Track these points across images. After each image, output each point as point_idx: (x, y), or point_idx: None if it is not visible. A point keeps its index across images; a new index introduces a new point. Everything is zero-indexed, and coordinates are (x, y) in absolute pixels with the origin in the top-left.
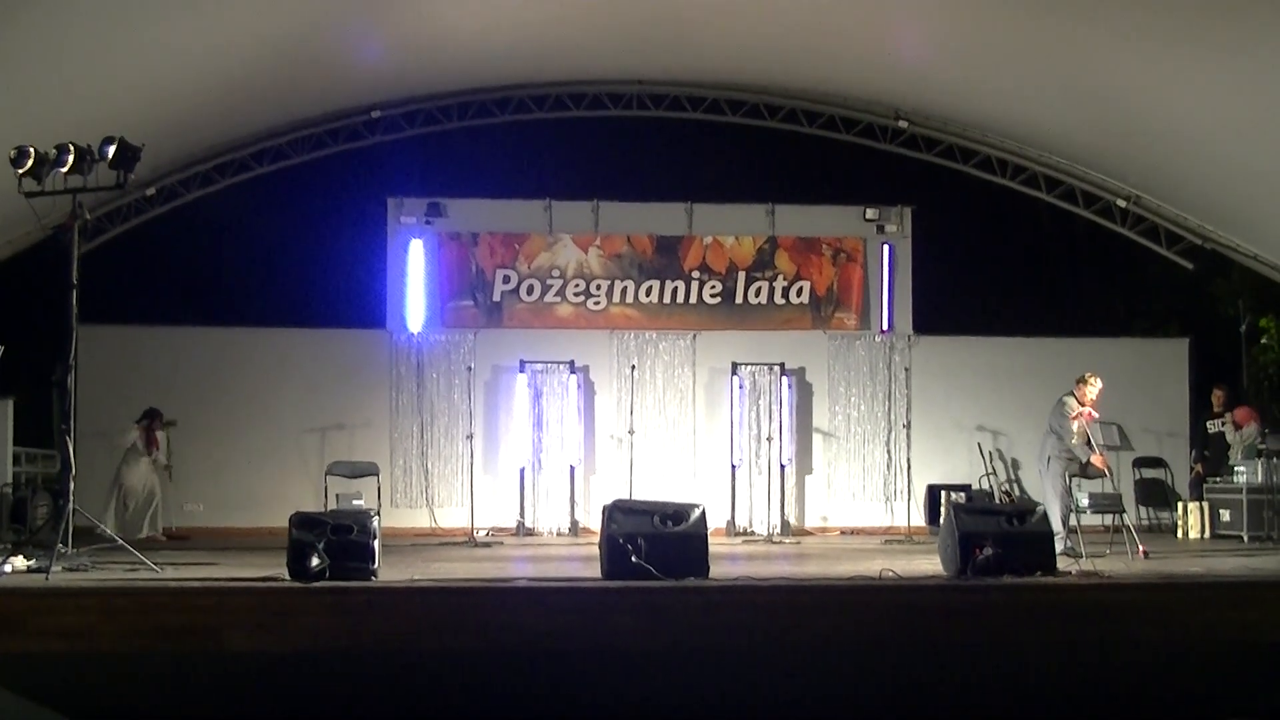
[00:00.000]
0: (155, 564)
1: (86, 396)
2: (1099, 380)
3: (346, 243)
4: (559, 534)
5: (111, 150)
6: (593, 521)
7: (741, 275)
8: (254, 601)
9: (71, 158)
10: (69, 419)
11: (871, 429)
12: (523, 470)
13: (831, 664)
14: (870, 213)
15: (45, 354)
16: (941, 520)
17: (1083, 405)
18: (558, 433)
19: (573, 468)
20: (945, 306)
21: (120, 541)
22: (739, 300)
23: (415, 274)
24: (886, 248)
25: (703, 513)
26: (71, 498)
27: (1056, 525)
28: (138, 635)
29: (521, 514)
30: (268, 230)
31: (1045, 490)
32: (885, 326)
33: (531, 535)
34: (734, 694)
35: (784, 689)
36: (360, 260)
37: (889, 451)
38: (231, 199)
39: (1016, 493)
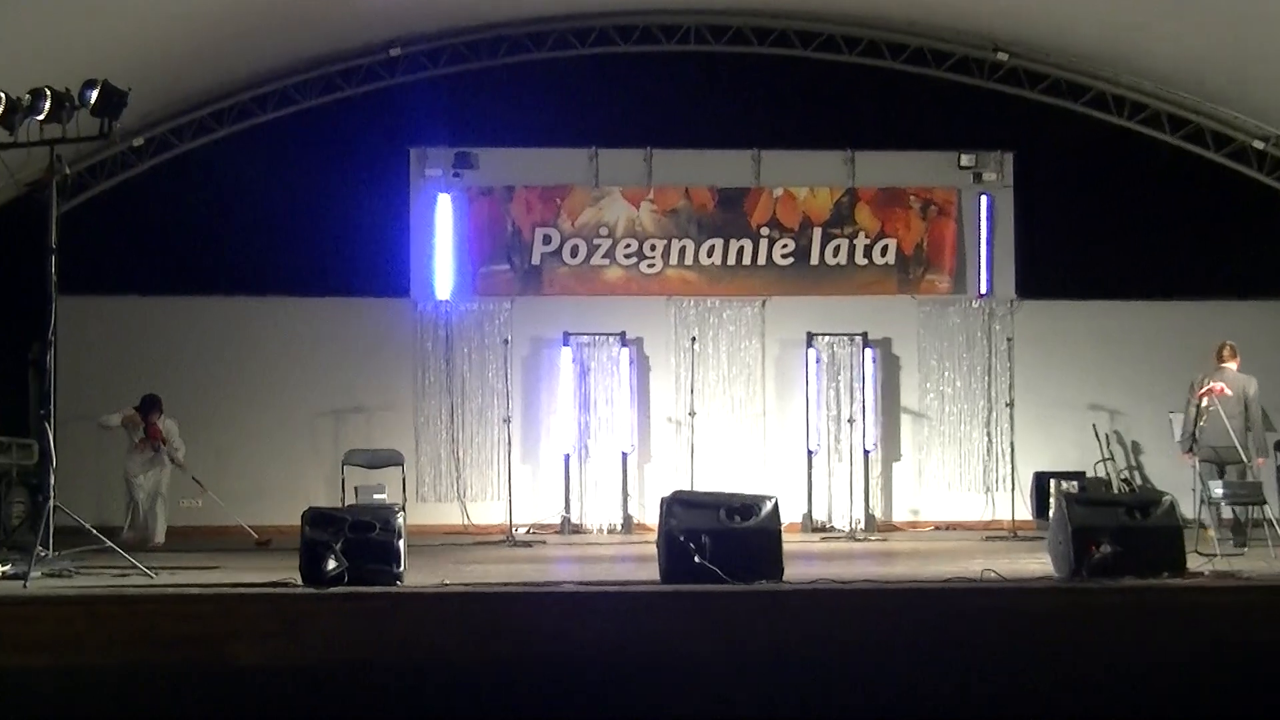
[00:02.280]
0: (149, 568)
1: (68, 377)
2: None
3: (363, 199)
4: (609, 531)
5: (94, 95)
6: (648, 516)
7: (817, 232)
8: (262, 609)
9: (48, 104)
10: (48, 402)
11: (968, 408)
12: (567, 458)
13: (923, 678)
14: (965, 159)
15: (21, 329)
16: (1051, 513)
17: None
18: (607, 415)
19: (624, 455)
20: (1053, 266)
21: (108, 543)
22: (814, 261)
23: (442, 234)
24: (984, 199)
25: (775, 506)
26: (53, 493)
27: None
28: (129, 648)
29: (566, 508)
30: (273, 186)
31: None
32: (983, 290)
33: (578, 532)
34: (810, 712)
35: (867, 706)
36: (379, 219)
37: (989, 434)
38: (231, 150)
39: (1138, 481)
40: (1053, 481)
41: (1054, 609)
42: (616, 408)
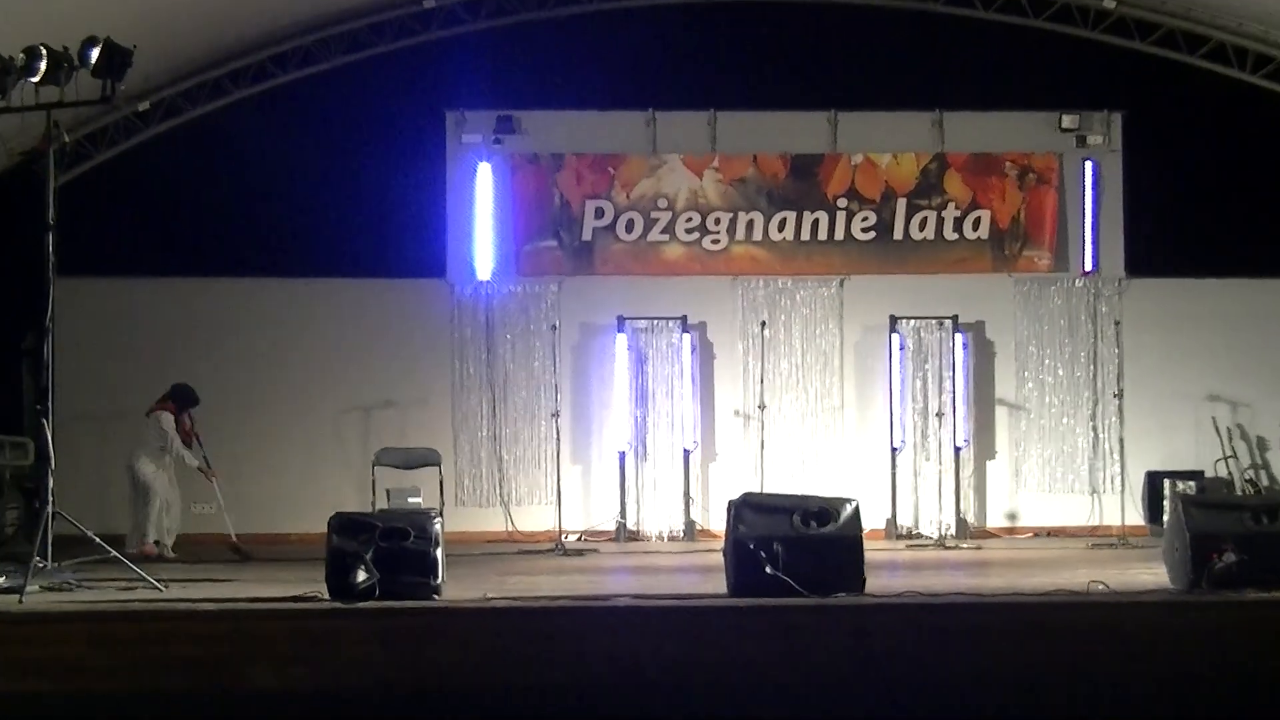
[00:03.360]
0: (158, 581)
1: (67, 368)
2: None
3: (394, 170)
4: (670, 538)
5: (95, 54)
6: (713, 522)
7: (901, 203)
8: (283, 627)
9: (44, 64)
10: (46, 397)
11: (1072, 400)
12: (622, 457)
13: (1023, 702)
14: (1068, 120)
15: (14, 315)
16: (1166, 518)
17: None
18: (666, 409)
19: (686, 453)
20: (1166, 239)
21: (114, 553)
22: (898, 236)
23: (482, 208)
24: (1089, 165)
25: (856, 510)
26: (51, 498)
27: None
28: (137, 671)
29: (622, 513)
30: (292, 155)
31: None
32: (1087, 267)
33: (635, 540)
34: None
35: None
36: (412, 192)
37: (1095, 429)
38: (246, 115)
39: (1264, 481)
40: (1167, 482)
41: (1170, 625)
42: (677, 401)
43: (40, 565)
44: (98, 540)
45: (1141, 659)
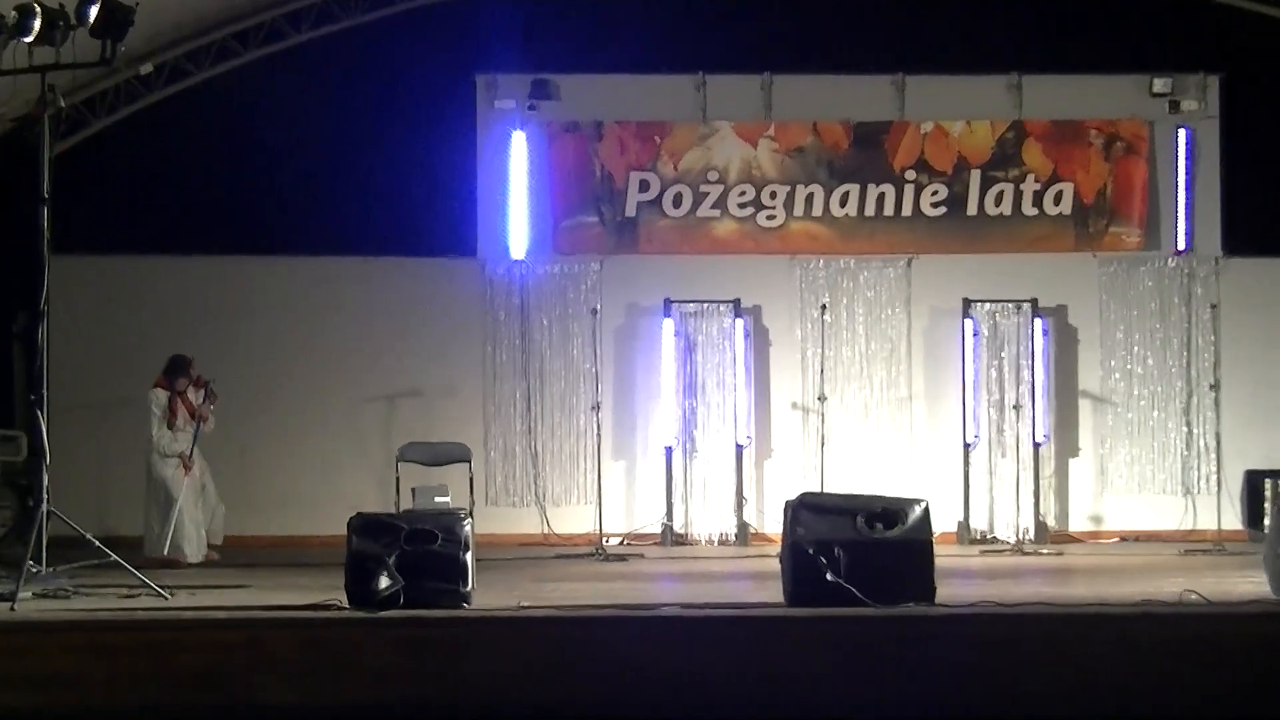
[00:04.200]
0: (163, 587)
1: (62, 354)
2: None
3: (420, 138)
4: (720, 542)
5: (94, 11)
6: (769, 524)
7: (975, 176)
8: (299, 638)
9: (39, 23)
10: (40, 385)
11: (1163, 391)
12: (669, 453)
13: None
14: (1159, 84)
15: (6, 296)
16: (1267, 521)
17: None
18: (717, 400)
19: (739, 449)
20: (1268, 215)
21: (114, 557)
22: (972, 211)
23: (517, 180)
24: (1183, 133)
25: (926, 511)
26: (46, 496)
27: None
28: (139, 684)
29: (668, 514)
30: (308, 122)
31: None
32: (1181, 245)
33: (682, 543)
34: None
35: None
36: (440, 162)
37: (1188, 424)
38: (258, 79)
39: None
40: (1269, 482)
41: (1271, 638)
42: (729, 392)
43: (34, 570)
44: (96, 543)
45: (1239, 673)
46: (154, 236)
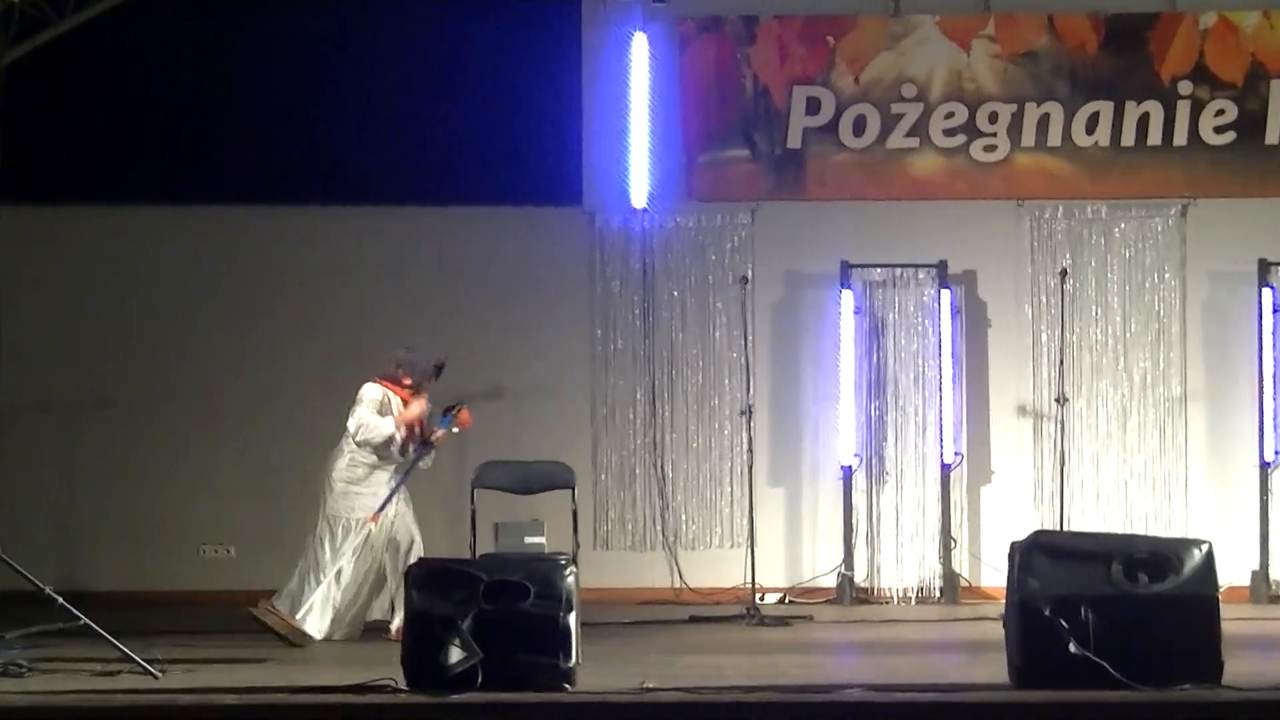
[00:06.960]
0: (151, 662)
1: (15, 340)
2: None
3: (503, 48)
4: (921, 598)
5: None
6: (985, 574)
7: (1277, 89)
8: None
9: None
10: None
11: None
12: (848, 476)
13: None
14: None
15: None
16: None
17: None
18: (915, 403)
19: (945, 469)
20: None
21: (84, 620)
22: (1270, 139)
23: (638, 101)
24: None
25: (1209, 556)
26: None
27: None
28: None
29: (847, 561)
30: (347, 26)
31: None
32: None
33: (866, 601)
34: None
35: None
36: (533, 79)
37: None
38: None
39: None
40: None
41: None
42: (931, 390)
43: None
44: (60, 600)
45: None
46: (136, 180)
